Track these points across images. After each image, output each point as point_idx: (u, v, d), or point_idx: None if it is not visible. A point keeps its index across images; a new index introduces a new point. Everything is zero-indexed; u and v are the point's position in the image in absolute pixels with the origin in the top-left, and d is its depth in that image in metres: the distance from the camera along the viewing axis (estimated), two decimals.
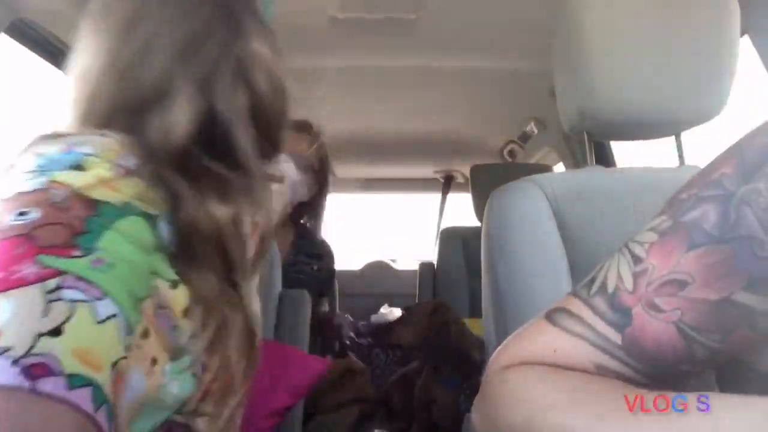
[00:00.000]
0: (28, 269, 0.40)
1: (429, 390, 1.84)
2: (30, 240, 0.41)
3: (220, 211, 0.53)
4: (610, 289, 0.46)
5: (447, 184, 3.33)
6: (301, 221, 1.78)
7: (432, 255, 2.78)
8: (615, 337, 0.45)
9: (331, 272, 1.83)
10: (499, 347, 0.53)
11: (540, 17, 1.32)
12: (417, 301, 2.57)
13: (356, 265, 3.48)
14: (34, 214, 0.42)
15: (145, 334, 0.47)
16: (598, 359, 0.45)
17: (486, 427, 0.49)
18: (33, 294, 0.39)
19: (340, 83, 2.01)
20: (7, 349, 0.36)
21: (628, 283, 0.45)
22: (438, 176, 3.34)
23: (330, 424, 1.66)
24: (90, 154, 0.47)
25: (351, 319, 3.08)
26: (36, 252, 0.41)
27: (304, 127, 1.64)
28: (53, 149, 0.47)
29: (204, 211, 0.52)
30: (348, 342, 2.61)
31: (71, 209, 0.43)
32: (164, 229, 0.50)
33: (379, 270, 3.48)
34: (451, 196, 3.34)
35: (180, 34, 0.56)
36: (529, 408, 0.45)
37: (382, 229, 4.18)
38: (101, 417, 0.38)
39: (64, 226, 0.43)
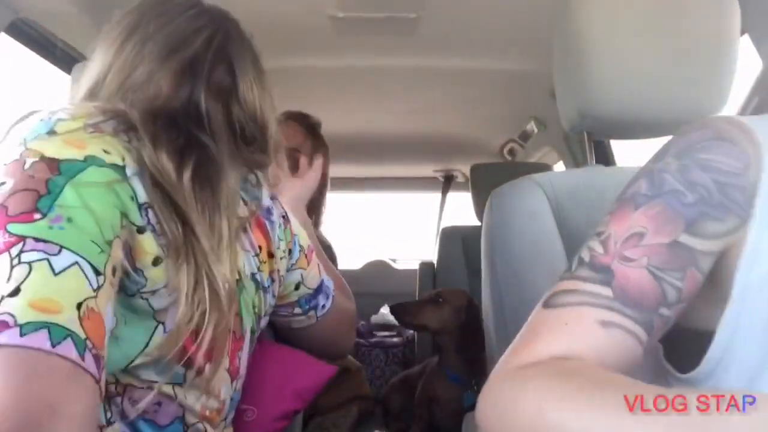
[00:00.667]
0: (1, 239, 0.47)
1: (433, 384, 1.83)
2: (3, 209, 0.49)
3: (168, 165, 0.60)
4: (587, 258, 0.55)
5: (447, 183, 3.33)
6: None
7: (432, 254, 2.77)
8: (606, 291, 0.52)
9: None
10: (509, 349, 0.54)
11: (540, 17, 1.32)
12: None
13: (356, 264, 3.48)
14: (9, 184, 0.50)
15: (114, 272, 0.53)
16: (600, 316, 0.51)
17: (492, 422, 0.50)
18: (2, 262, 0.46)
19: (340, 83, 2.01)
20: None
21: (599, 249, 0.54)
22: (438, 175, 3.34)
23: (330, 424, 1.66)
24: (63, 119, 0.56)
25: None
26: (6, 221, 0.48)
27: (296, 118, 1.64)
28: (35, 119, 0.56)
29: (157, 162, 0.59)
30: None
31: (37, 175, 0.51)
32: (136, 181, 0.57)
33: (379, 269, 3.48)
34: (451, 195, 3.34)
35: (164, 40, 0.68)
36: (536, 405, 0.46)
37: (382, 229, 4.18)
38: (64, 349, 0.45)
39: (30, 192, 0.50)
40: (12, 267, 0.46)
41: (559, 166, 2.36)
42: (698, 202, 0.53)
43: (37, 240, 0.48)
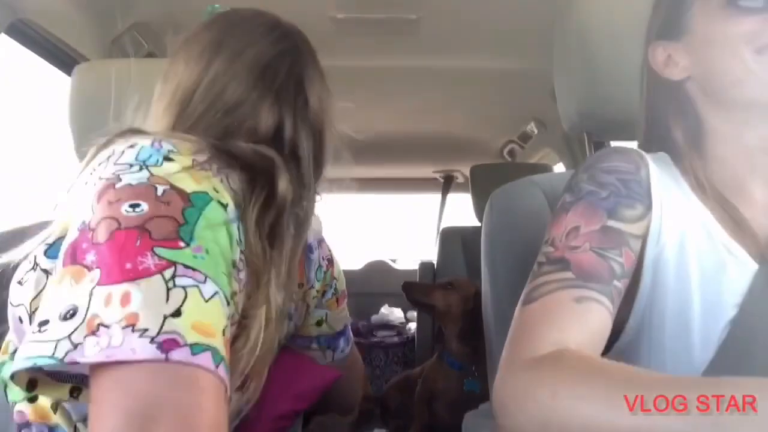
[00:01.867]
0: (149, 261, 0.49)
1: (434, 373, 1.85)
2: (145, 233, 0.50)
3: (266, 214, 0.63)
4: (543, 260, 0.65)
5: (447, 184, 3.33)
6: None
7: (432, 255, 2.78)
8: (568, 275, 0.61)
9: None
10: (507, 349, 0.60)
11: (540, 17, 1.32)
12: None
13: (356, 264, 3.48)
14: (144, 208, 0.52)
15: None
16: (572, 294, 0.59)
17: (511, 410, 0.54)
18: (156, 282, 0.48)
19: (340, 84, 2.01)
20: (145, 330, 0.46)
21: (550, 249, 0.65)
22: (438, 176, 3.34)
23: (330, 424, 1.66)
24: (173, 151, 0.57)
25: (351, 319, 3.08)
26: (152, 245, 0.50)
27: None
28: (145, 142, 0.57)
29: (253, 212, 0.62)
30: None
31: (171, 203, 0.53)
32: (232, 215, 0.59)
33: (379, 270, 3.48)
34: (451, 196, 3.34)
35: (253, 59, 0.71)
36: (551, 391, 0.50)
37: (382, 229, 4.18)
38: (221, 371, 0.48)
39: (169, 219, 0.52)
40: (168, 289, 0.48)
41: (559, 167, 2.36)
42: (611, 195, 0.66)
43: (186, 267, 0.50)
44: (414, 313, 2.93)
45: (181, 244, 0.51)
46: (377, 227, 4.16)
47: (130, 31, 1.52)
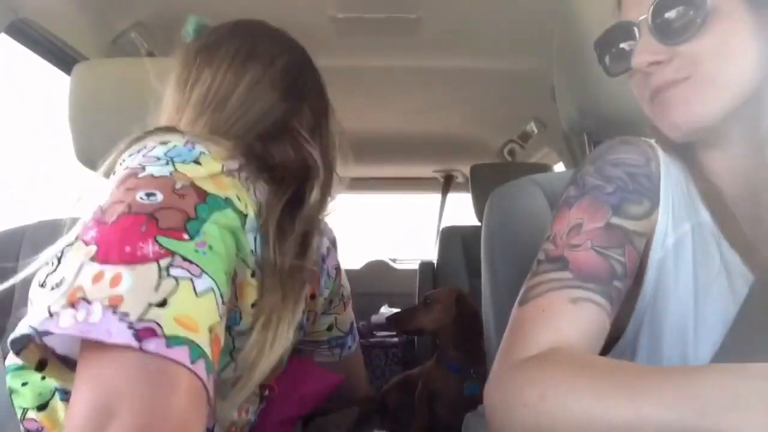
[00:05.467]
0: (150, 247, 0.49)
1: (433, 377, 1.85)
2: (153, 221, 0.50)
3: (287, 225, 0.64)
4: (543, 257, 0.63)
5: (447, 183, 3.33)
6: None
7: (432, 254, 2.77)
8: (566, 275, 0.59)
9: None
10: (502, 349, 0.59)
11: (540, 17, 1.32)
12: (417, 301, 2.57)
13: (356, 264, 3.48)
14: (159, 198, 0.52)
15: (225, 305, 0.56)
16: (568, 295, 0.58)
17: (500, 413, 0.53)
18: (150, 270, 0.48)
19: (340, 83, 2.01)
20: (125, 314, 0.45)
21: (550, 246, 0.63)
22: (438, 176, 3.34)
23: (329, 424, 1.66)
24: (205, 154, 0.58)
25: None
26: (156, 233, 0.50)
27: None
28: (178, 141, 0.58)
29: (274, 223, 0.63)
30: None
31: (186, 197, 0.53)
32: (253, 230, 0.60)
33: (379, 269, 3.48)
34: (451, 196, 3.34)
35: (281, 72, 0.74)
36: (539, 392, 0.50)
37: (382, 229, 4.18)
38: (199, 369, 0.46)
39: (180, 211, 0.52)
40: (160, 278, 0.47)
41: (559, 167, 2.36)
42: (617, 190, 0.63)
43: (184, 259, 0.50)
44: None
45: (186, 236, 0.51)
46: (377, 227, 4.17)
47: (130, 31, 1.52)
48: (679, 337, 0.61)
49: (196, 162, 0.57)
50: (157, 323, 0.45)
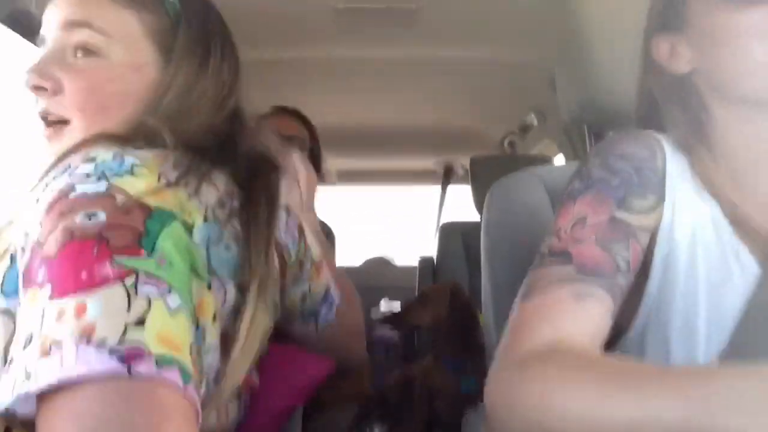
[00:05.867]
0: (108, 269, 0.44)
1: (430, 373, 1.85)
2: (102, 241, 0.45)
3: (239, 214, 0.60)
4: (546, 251, 0.62)
5: (447, 175, 3.31)
6: None
7: (432, 250, 2.77)
8: (569, 269, 0.59)
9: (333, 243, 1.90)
10: (503, 345, 0.58)
11: (540, 8, 1.31)
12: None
13: (356, 261, 3.48)
14: (102, 217, 0.47)
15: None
16: (571, 290, 0.57)
17: (501, 411, 0.53)
18: (117, 291, 0.43)
19: (339, 74, 2.00)
20: (103, 341, 0.40)
21: (554, 240, 0.62)
22: (437, 168, 3.33)
23: (329, 422, 1.66)
24: (138, 165, 0.52)
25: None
26: (111, 253, 0.45)
27: (295, 113, 1.69)
28: (106, 155, 0.52)
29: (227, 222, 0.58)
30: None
31: (131, 213, 0.48)
32: (198, 236, 0.54)
33: (378, 265, 3.48)
34: (451, 188, 3.33)
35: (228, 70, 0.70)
36: (541, 389, 0.50)
37: (381, 224, 4.18)
38: (190, 391, 0.43)
39: (129, 229, 0.47)
40: (129, 297, 0.43)
41: (559, 159, 2.36)
42: (622, 183, 0.63)
43: (148, 275, 0.45)
44: None
45: (143, 252, 0.46)
46: (377, 222, 4.17)
47: None
48: (688, 334, 0.60)
49: (131, 173, 0.51)
50: (141, 342, 0.41)
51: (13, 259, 0.51)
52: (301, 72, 1.95)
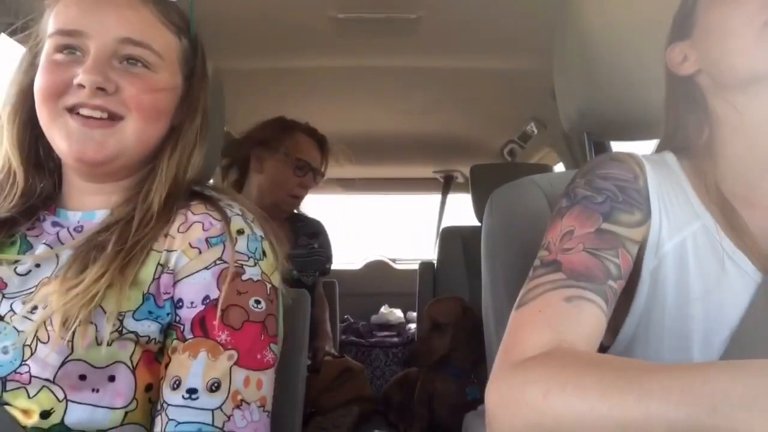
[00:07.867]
0: (269, 354, 0.66)
1: (432, 379, 1.84)
2: (265, 329, 0.67)
3: None
4: (538, 263, 0.65)
5: (447, 184, 3.32)
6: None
7: (432, 254, 2.77)
8: (559, 276, 0.61)
9: (329, 247, 1.93)
10: (501, 351, 0.58)
11: (540, 17, 1.32)
12: (417, 301, 2.57)
13: (356, 264, 3.48)
14: (263, 305, 0.67)
15: None
16: (563, 294, 0.59)
17: (501, 415, 0.52)
18: (272, 373, 0.67)
19: (340, 83, 2.01)
20: (269, 412, 0.66)
21: (545, 253, 0.65)
22: (438, 176, 3.33)
23: (330, 424, 1.66)
24: (262, 238, 0.73)
25: (351, 319, 3.08)
26: (269, 341, 0.67)
27: (320, 142, 1.79)
28: (239, 222, 0.72)
29: None
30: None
31: (274, 300, 0.70)
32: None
33: (379, 270, 3.47)
34: (451, 196, 3.34)
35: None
36: (542, 392, 0.49)
37: (382, 229, 4.18)
38: None
39: (274, 317, 0.69)
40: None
41: (559, 167, 2.36)
42: (607, 200, 0.66)
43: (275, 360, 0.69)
44: (414, 314, 2.93)
45: (278, 338, 0.69)
46: (377, 227, 4.16)
47: None
48: (683, 342, 0.61)
49: (264, 252, 0.71)
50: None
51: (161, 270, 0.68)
52: (301, 81, 1.96)
